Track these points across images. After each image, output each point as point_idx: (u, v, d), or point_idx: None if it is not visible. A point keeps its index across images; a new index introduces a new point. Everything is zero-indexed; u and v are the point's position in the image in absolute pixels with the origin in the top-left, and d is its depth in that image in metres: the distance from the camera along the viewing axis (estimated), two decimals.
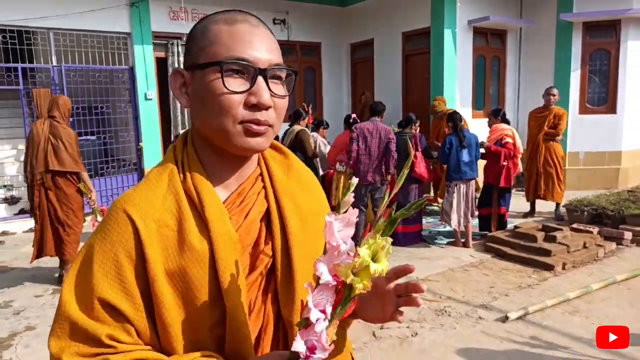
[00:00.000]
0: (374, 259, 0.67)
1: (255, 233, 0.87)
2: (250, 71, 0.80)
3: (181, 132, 7.55)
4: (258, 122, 0.81)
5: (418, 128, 5.98)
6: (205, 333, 0.81)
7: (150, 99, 7.95)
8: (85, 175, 4.65)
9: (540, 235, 5.27)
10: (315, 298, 0.68)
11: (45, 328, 3.80)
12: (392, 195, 0.75)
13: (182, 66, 0.88)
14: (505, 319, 3.74)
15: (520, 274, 4.77)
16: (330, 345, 0.68)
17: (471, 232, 5.65)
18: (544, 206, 6.95)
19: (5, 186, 7.46)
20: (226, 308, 0.80)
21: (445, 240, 5.87)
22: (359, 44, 10.09)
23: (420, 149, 5.73)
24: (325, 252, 0.69)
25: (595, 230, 5.56)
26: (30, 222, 7.04)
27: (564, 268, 4.85)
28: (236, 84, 0.80)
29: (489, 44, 8.90)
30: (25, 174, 4.62)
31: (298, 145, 5.92)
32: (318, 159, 6.24)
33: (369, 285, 0.68)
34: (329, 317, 0.68)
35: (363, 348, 3.37)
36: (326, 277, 0.67)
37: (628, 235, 5.56)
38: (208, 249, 0.80)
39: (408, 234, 5.76)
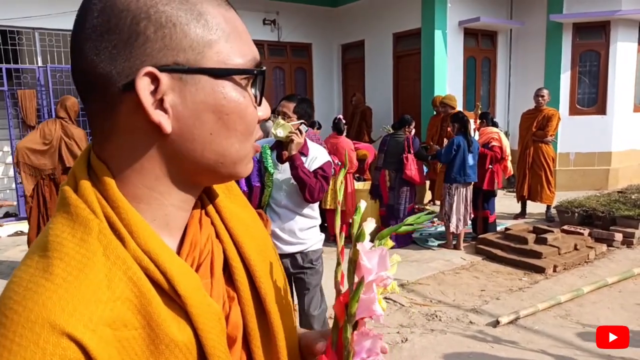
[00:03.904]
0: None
1: (222, 293, 0.61)
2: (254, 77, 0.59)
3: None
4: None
5: (413, 130, 5.92)
6: None
7: None
8: None
9: (531, 237, 5.24)
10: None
11: None
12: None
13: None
14: (496, 323, 3.70)
15: (511, 277, 4.74)
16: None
17: (463, 235, 5.63)
18: (535, 207, 6.94)
19: None
20: None
21: (437, 243, 5.83)
22: (350, 45, 10.05)
23: (412, 151, 5.69)
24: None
25: (586, 231, 5.55)
26: (15, 226, 6.93)
27: (555, 270, 4.83)
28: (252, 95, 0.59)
29: (480, 45, 8.90)
30: (19, 167, 4.75)
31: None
32: None
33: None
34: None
35: None
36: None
37: (618, 236, 5.56)
38: (194, 338, 0.54)
39: (399, 236, 5.71)
